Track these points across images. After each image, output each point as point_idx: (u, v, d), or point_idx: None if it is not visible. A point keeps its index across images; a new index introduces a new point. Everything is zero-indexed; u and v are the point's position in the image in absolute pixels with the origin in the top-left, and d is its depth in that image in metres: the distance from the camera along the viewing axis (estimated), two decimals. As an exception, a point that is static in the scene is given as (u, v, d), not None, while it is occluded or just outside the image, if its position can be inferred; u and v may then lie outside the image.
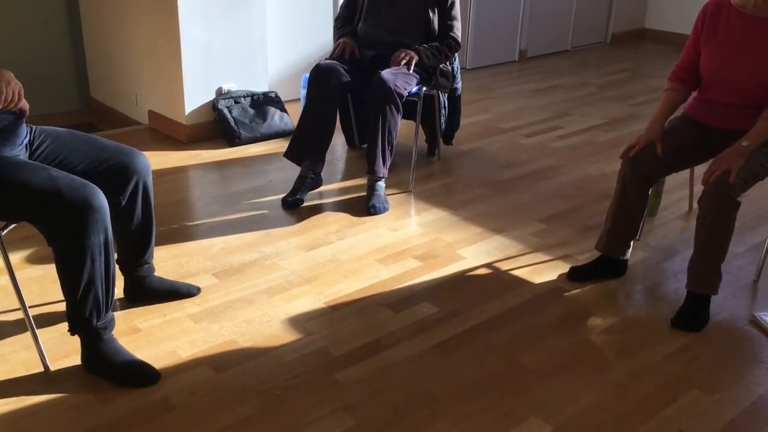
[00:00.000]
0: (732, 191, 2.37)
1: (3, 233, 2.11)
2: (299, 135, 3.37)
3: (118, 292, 2.49)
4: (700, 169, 2.91)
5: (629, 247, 2.78)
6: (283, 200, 3.34)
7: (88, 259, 1.99)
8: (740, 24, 2.57)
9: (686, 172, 3.28)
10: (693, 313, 2.51)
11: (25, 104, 2.09)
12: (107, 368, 2.11)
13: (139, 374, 2.12)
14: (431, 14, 3.50)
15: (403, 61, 3.36)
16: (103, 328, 2.10)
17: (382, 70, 3.29)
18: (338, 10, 3.76)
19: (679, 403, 2.12)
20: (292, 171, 3.50)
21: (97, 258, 2.01)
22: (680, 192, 3.58)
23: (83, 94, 5.07)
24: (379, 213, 3.27)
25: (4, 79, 2.00)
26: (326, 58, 3.47)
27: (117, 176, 2.24)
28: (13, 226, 2.15)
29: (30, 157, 2.14)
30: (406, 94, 3.31)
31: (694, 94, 2.77)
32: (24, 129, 2.15)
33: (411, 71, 3.37)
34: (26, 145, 2.14)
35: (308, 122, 3.36)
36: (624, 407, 2.09)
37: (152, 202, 2.36)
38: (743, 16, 2.57)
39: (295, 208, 3.31)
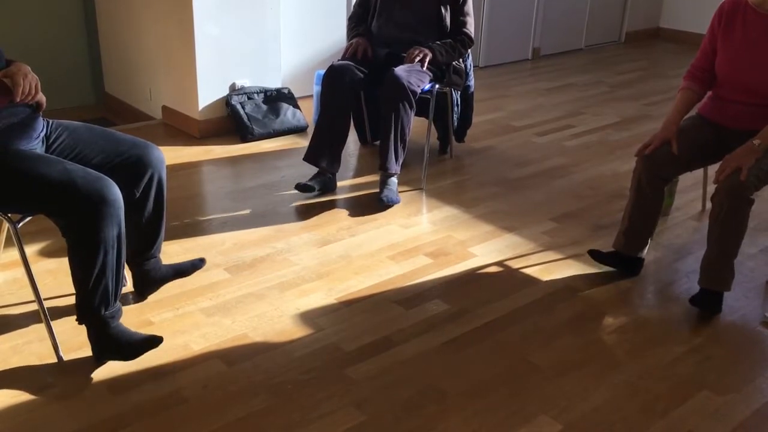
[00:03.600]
0: (745, 189, 2.36)
1: (19, 226, 2.13)
2: (316, 138, 3.38)
3: (128, 286, 2.51)
4: (714, 169, 2.89)
5: (647, 245, 2.78)
6: (297, 184, 3.34)
7: (101, 252, 2.01)
8: (757, 23, 2.56)
9: (699, 172, 3.26)
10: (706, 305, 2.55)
11: (41, 97, 2.11)
12: (115, 347, 2.13)
13: (145, 343, 2.15)
14: (444, 11, 3.50)
15: (417, 59, 3.36)
16: (111, 317, 2.12)
17: (395, 68, 3.29)
18: (352, 6, 3.76)
19: (690, 404, 2.11)
20: (305, 167, 3.51)
21: (110, 251, 2.03)
22: (693, 192, 3.56)
23: (97, 89, 5.10)
24: (392, 203, 3.27)
25: (21, 72, 2.01)
26: (339, 59, 3.48)
27: (132, 169, 2.25)
28: (28, 218, 2.17)
29: (46, 150, 2.16)
30: (419, 91, 3.31)
31: (709, 93, 2.76)
32: (41, 122, 2.17)
33: (425, 69, 3.37)
34: (43, 138, 2.16)
35: (324, 124, 3.37)
36: (634, 407, 2.09)
37: (165, 196, 2.38)
38: (760, 15, 2.56)
39: (306, 192, 3.31)
